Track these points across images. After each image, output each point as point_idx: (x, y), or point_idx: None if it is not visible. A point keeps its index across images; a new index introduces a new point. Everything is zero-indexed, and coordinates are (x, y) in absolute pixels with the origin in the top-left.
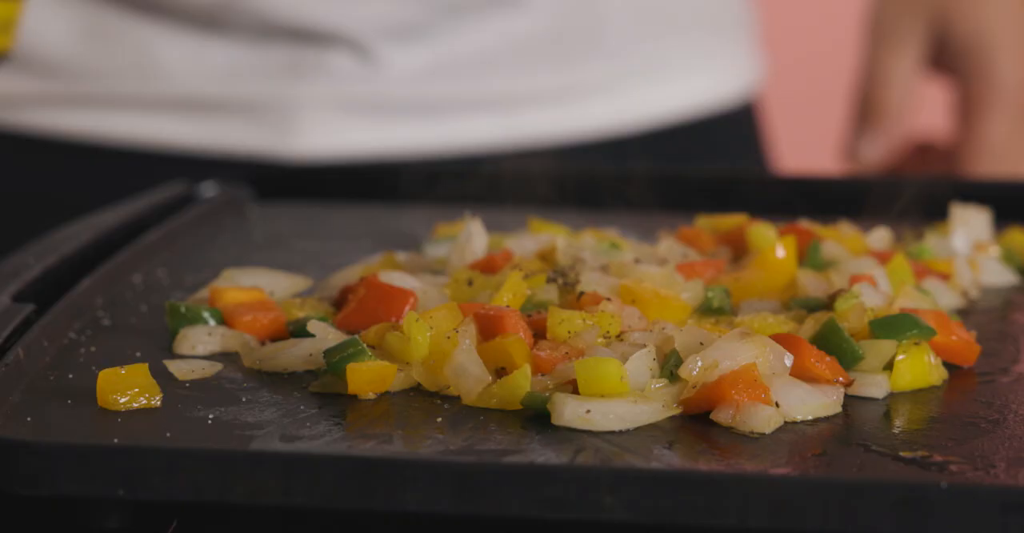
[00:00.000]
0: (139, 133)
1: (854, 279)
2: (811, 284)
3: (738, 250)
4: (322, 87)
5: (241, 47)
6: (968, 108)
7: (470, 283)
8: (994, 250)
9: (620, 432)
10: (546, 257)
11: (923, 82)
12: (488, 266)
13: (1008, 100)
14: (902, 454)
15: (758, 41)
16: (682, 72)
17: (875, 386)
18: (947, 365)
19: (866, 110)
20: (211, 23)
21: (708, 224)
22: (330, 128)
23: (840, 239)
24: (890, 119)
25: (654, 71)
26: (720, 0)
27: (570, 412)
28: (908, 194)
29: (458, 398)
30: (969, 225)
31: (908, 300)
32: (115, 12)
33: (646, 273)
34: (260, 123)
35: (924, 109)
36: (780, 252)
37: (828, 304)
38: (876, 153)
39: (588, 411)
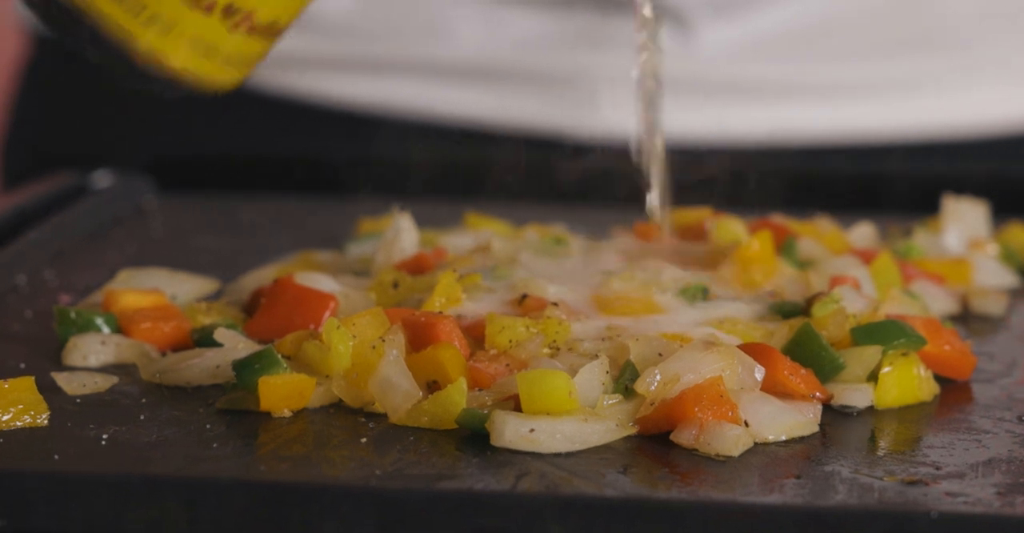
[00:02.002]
0: (424, 100)
1: (835, 281)
2: (788, 285)
3: (701, 246)
4: (625, 60)
5: (540, 14)
6: None
7: (396, 285)
8: (991, 248)
9: (568, 454)
10: (483, 255)
11: None
12: (418, 266)
13: None
14: (887, 479)
15: None
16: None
17: (857, 396)
18: (939, 378)
19: None
20: None
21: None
22: (630, 105)
23: (818, 236)
24: None
25: (992, 70)
26: None
27: (512, 431)
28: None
29: (384, 416)
30: (963, 220)
31: (896, 305)
32: None
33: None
34: (556, 96)
35: None
36: (755, 247)
37: (805, 309)
38: None
39: (532, 430)
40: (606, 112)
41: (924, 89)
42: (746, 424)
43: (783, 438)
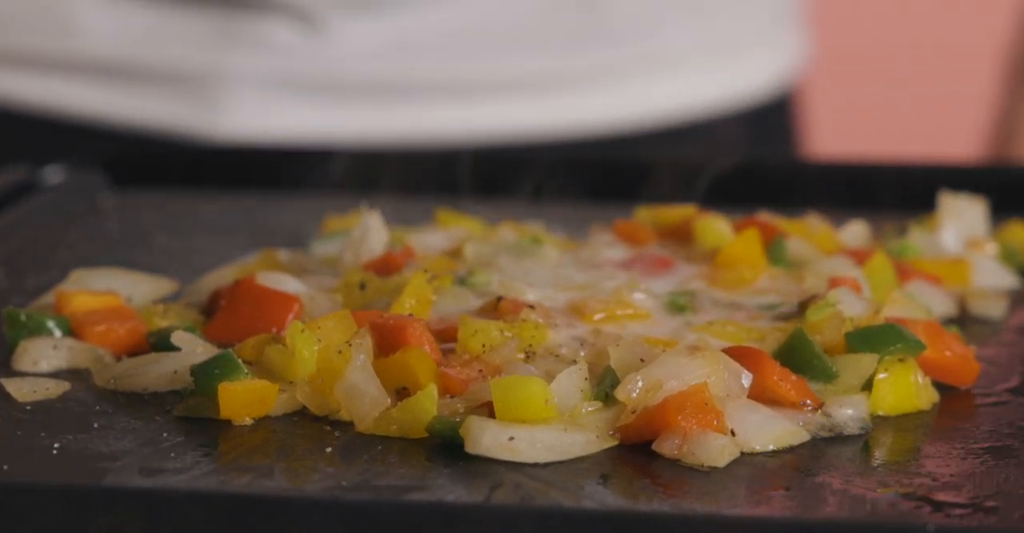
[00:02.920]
0: (44, 97)
1: (834, 282)
2: (781, 287)
3: (684, 246)
4: (256, 59)
5: (170, 8)
6: None
7: (363, 286)
8: (990, 247)
9: (544, 465)
10: (456, 255)
11: None
12: (386, 266)
13: None
14: (880, 491)
15: (799, 22)
16: (698, 62)
17: (851, 409)
18: (940, 386)
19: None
20: None
21: (649, 216)
22: (262, 107)
23: (808, 234)
24: None
25: (668, 61)
26: None
27: (490, 439)
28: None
29: (351, 424)
30: (961, 218)
31: (897, 308)
32: None
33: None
34: (183, 96)
35: None
36: (740, 246)
37: (798, 312)
38: None
39: (512, 439)
40: (236, 112)
41: (592, 84)
42: (732, 433)
43: (771, 448)
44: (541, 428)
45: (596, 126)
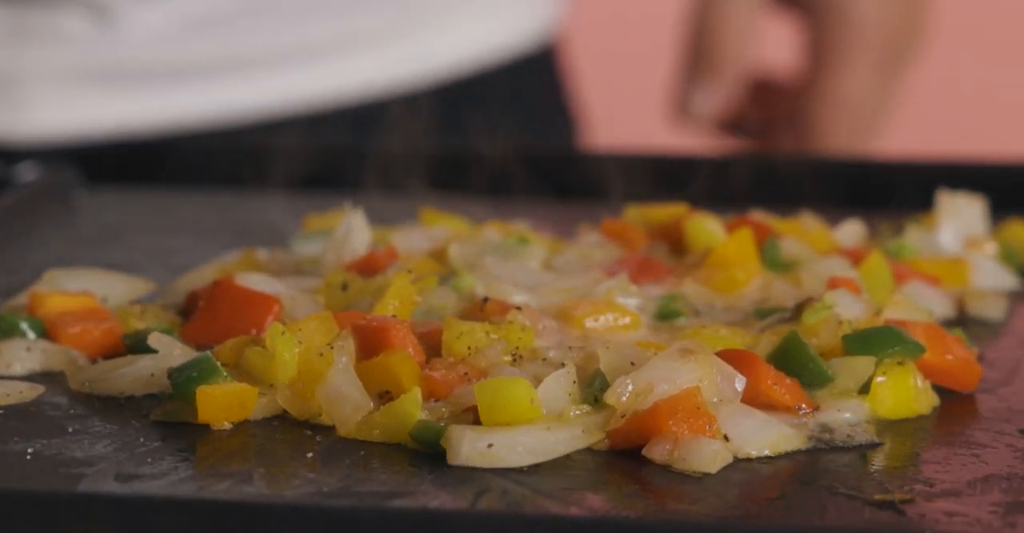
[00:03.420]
0: None
1: (833, 284)
2: (776, 289)
3: (675, 246)
4: (52, 54)
5: None
6: (820, 52)
7: (345, 287)
8: (990, 247)
9: (532, 471)
10: (440, 256)
11: (765, 20)
12: (369, 266)
13: (867, 43)
14: (877, 497)
15: None
16: (461, 17)
17: (848, 413)
18: (940, 390)
19: (699, 56)
20: None
21: (639, 216)
22: (63, 101)
23: (802, 234)
24: (727, 66)
25: (433, 18)
26: None
27: (469, 448)
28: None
29: (333, 428)
30: (959, 216)
31: (898, 310)
32: None
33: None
34: None
35: (766, 48)
36: (733, 246)
37: (794, 315)
38: (711, 106)
39: (490, 446)
40: (36, 109)
41: (364, 45)
42: (725, 438)
43: (766, 453)
44: (522, 429)
45: (386, 87)
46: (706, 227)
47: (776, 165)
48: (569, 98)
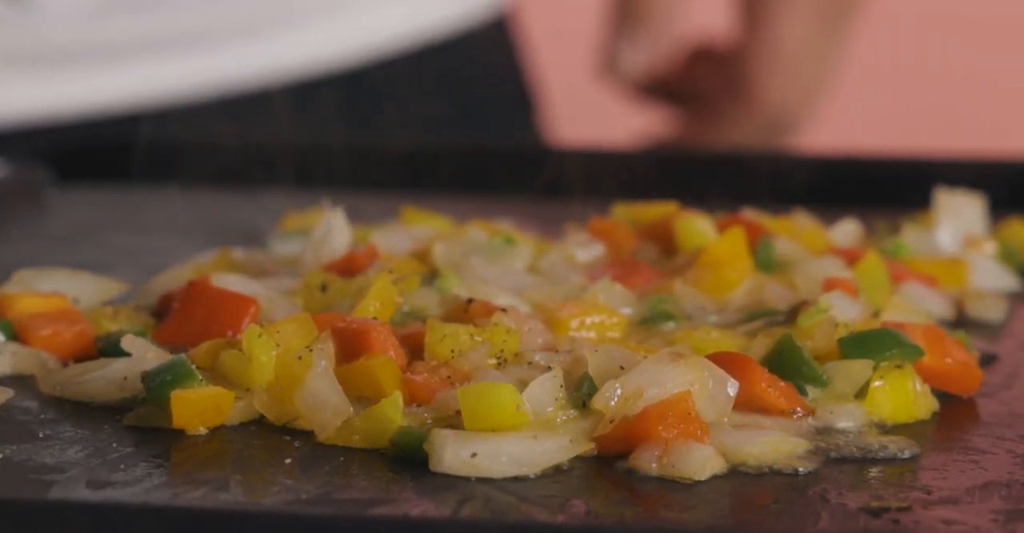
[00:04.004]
0: None
1: (829, 285)
2: (769, 291)
3: (665, 246)
4: None
5: None
6: (755, 4)
7: (325, 288)
8: (989, 246)
9: (517, 477)
10: (422, 256)
11: None
12: (349, 267)
13: None
14: (873, 505)
15: None
16: None
17: (844, 418)
18: (940, 394)
19: (626, 9)
20: None
21: (627, 214)
22: None
23: (795, 234)
24: (655, 20)
25: None
26: None
27: (452, 455)
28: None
29: (311, 434)
30: (958, 215)
31: (896, 312)
32: None
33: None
34: None
35: (698, 6)
36: (724, 246)
37: (789, 318)
38: (639, 62)
39: (474, 455)
40: None
41: (289, 23)
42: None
43: (767, 461)
44: (508, 438)
45: (314, 66)
46: (696, 226)
47: (769, 162)
48: (523, 76)
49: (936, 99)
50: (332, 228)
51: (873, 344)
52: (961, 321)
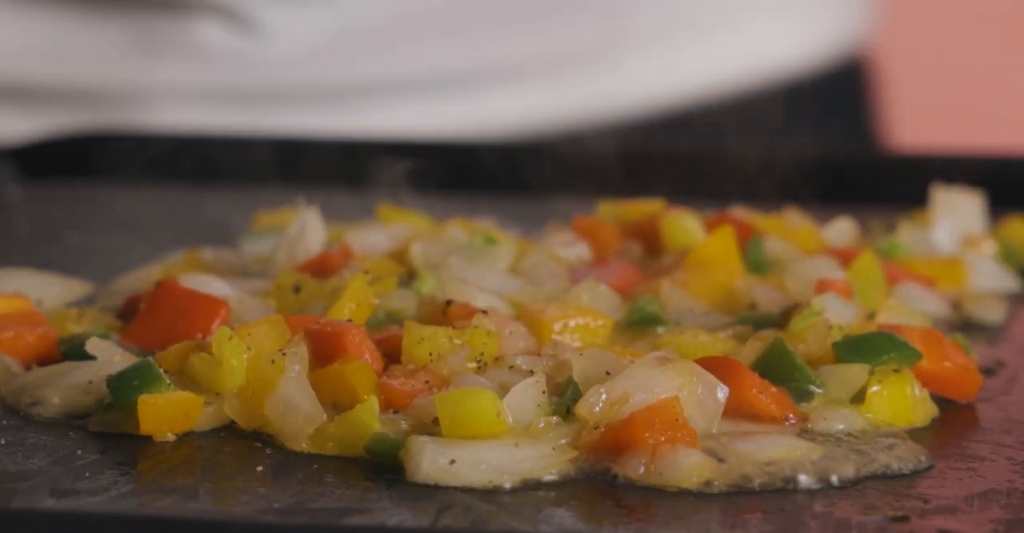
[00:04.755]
0: None
1: (821, 286)
2: (760, 293)
3: (651, 246)
4: (183, 68)
5: (72, 17)
6: None
7: (298, 289)
8: (988, 246)
9: (498, 486)
10: (400, 256)
11: None
12: (323, 267)
13: None
14: (867, 514)
15: None
16: (732, 26)
17: (838, 424)
18: (939, 399)
19: None
20: None
21: (611, 213)
22: (193, 122)
23: (787, 232)
24: None
25: (681, 29)
26: None
27: (430, 463)
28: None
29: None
30: (956, 213)
31: (893, 314)
32: None
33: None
34: (99, 115)
35: None
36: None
37: (781, 320)
38: None
39: (452, 462)
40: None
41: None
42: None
43: (769, 470)
44: (488, 445)
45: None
46: (684, 225)
47: (760, 157)
48: (873, 119)
49: (934, 94)
50: (306, 226)
51: (869, 348)
52: (959, 323)
